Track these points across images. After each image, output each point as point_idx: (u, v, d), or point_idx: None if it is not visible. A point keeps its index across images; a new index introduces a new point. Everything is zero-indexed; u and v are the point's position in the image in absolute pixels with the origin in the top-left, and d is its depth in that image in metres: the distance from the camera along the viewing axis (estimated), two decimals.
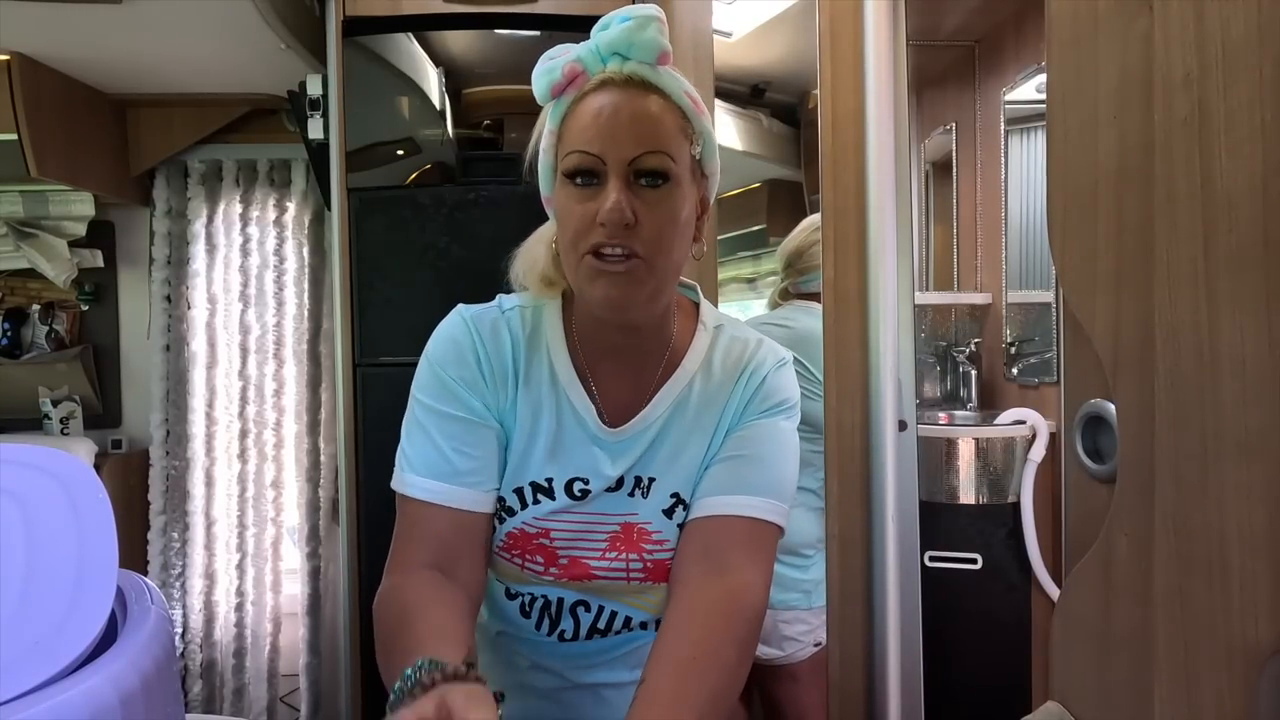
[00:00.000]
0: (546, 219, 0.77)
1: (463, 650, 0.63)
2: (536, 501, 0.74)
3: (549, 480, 0.74)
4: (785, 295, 1.65)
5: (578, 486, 0.74)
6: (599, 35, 0.69)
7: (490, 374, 0.74)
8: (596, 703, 0.78)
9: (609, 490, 0.74)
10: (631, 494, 0.74)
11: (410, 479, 0.72)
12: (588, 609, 0.76)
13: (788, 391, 0.78)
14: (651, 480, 0.74)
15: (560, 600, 0.76)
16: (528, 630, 0.79)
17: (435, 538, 0.71)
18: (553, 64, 0.70)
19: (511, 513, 0.74)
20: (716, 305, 1.53)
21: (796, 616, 1.51)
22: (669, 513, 0.74)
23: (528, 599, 0.77)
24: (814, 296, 1.59)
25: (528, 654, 0.78)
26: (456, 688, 0.54)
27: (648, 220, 0.67)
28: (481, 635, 0.83)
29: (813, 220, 1.64)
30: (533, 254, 0.80)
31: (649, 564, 0.73)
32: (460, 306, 0.80)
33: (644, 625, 0.78)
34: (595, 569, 0.73)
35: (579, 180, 0.68)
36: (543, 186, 0.75)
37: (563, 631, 0.77)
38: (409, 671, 0.56)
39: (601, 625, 0.76)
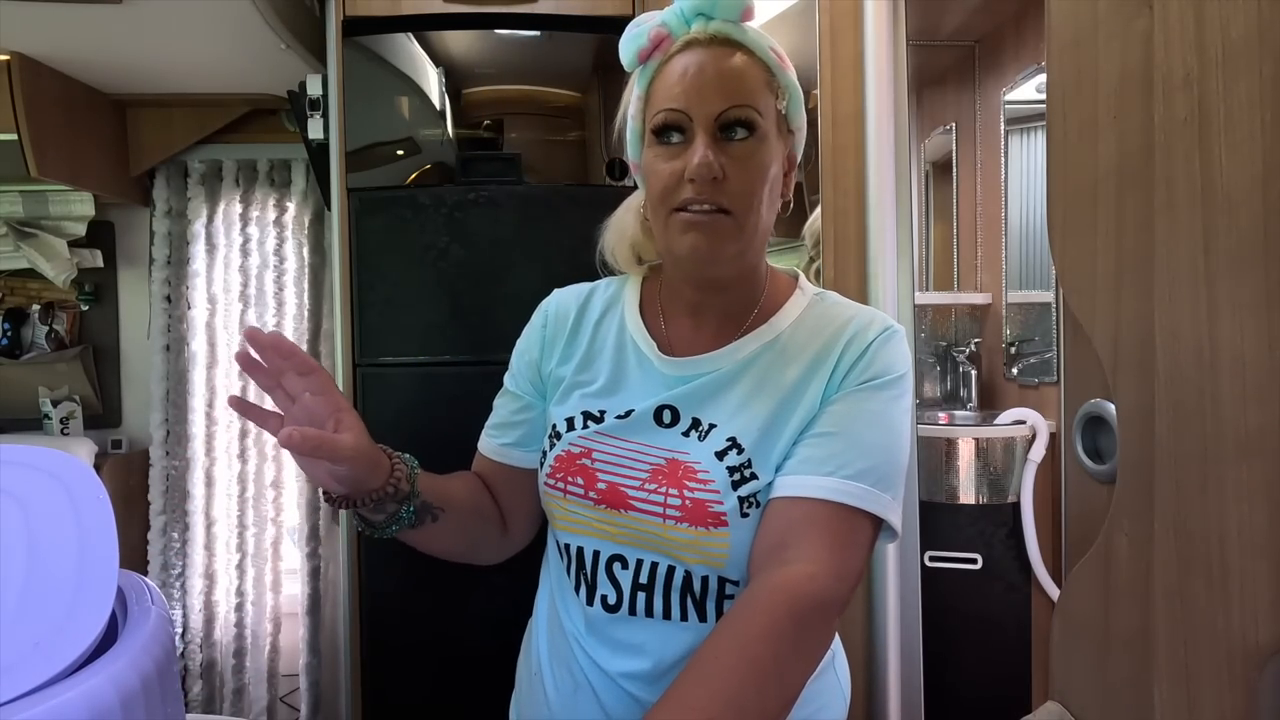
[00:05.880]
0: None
1: (434, 481, 0.77)
2: (585, 427, 0.76)
3: (601, 411, 0.76)
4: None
5: (631, 413, 0.75)
6: None
7: (546, 335, 0.83)
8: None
9: (665, 426, 0.73)
10: (687, 434, 0.73)
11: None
12: (625, 565, 0.73)
13: (894, 362, 0.72)
14: (712, 426, 0.72)
15: (596, 554, 0.74)
16: (571, 599, 0.77)
17: (479, 473, 0.86)
18: (639, 30, 0.71)
19: (560, 437, 0.77)
20: None
21: None
22: (721, 455, 0.70)
23: (573, 551, 0.76)
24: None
25: (571, 628, 0.77)
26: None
27: (736, 175, 0.68)
28: (549, 627, 0.82)
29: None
30: (622, 223, 0.83)
31: (687, 501, 0.69)
32: None
33: (694, 593, 0.72)
34: (632, 498, 0.72)
35: (666, 138, 0.70)
36: (630, 153, 0.78)
37: (604, 597, 0.73)
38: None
39: (644, 579, 0.72)
